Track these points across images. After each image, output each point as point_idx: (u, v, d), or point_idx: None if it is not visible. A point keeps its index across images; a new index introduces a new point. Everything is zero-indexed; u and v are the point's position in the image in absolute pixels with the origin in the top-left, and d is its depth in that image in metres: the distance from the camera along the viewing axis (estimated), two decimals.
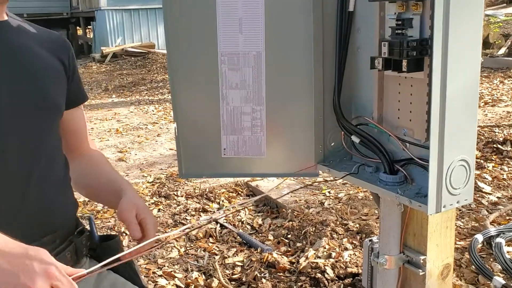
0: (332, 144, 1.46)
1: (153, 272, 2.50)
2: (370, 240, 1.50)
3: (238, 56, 1.48)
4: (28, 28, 1.18)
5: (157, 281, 2.40)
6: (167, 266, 2.58)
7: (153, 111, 6.55)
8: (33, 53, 1.13)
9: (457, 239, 2.66)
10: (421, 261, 1.33)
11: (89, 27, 12.70)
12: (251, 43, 1.47)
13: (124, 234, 2.88)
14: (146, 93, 7.95)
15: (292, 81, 1.46)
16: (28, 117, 1.08)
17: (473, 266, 2.39)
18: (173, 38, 1.48)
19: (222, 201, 3.51)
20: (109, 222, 3.11)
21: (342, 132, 1.42)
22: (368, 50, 1.33)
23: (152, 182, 3.96)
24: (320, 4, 1.36)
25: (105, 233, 1.35)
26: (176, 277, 2.46)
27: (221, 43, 1.47)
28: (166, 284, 2.41)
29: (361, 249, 2.58)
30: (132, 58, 10.95)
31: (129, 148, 4.93)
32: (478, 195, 3.30)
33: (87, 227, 1.36)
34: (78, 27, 13.99)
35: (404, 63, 1.12)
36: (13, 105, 1.04)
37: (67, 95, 1.23)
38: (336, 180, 1.42)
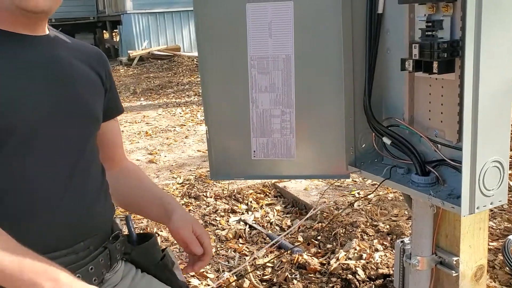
0: (363, 145, 1.47)
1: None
2: (402, 241, 1.50)
3: (267, 60, 1.50)
4: (67, 42, 1.21)
5: (189, 281, 2.44)
6: None
7: (180, 113, 6.64)
8: (73, 65, 1.16)
9: (490, 240, 2.62)
10: (454, 262, 1.33)
11: (115, 30, 12.90)
12: (280, 46, 1.48)
13: (157, 235, 2.93)
14: (173, 96, 8.05)
15: (322, 83, 1.47)
16: (67, 126, 1.11)
17: (507, 268, 2.35)
18: (204, 43, 1.51)
19: (250, 202, 3.53)
20: (142, 223, 3.17)
21: (373, 134, 1.43)
22: (398, 51, 1.33)
23: (181, 183, 4.01)
24: (349, 7, 1.37)
25: (141, 231, 1.37)
26: (208, 277, 2.50)
27: (250, 48, 1.49)
28: (199, 284, 2.45)
29: (392, 250, 2.56)
30: (159, 61, 11.08)
31: (158, 150, 5.01)
32: (510, 195, 3.24)
33: (124, 227, 1.38)
34: (104, 31, 14.22)
35: (435, 64, 1.13)
36: (53, 114, 1.08)
37: (104, 108, 1.26)
38: (377, 187, 1.42)
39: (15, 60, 1.04)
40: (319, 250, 2.74)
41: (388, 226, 2.88)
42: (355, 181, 3.64)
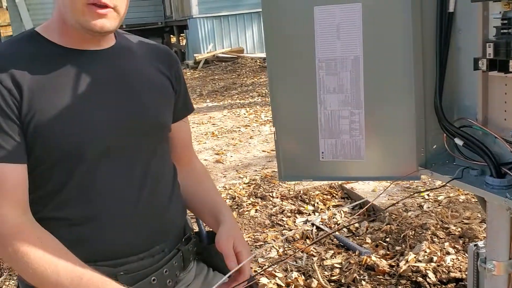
0: (434, 146, 1.44)
1: (255, 271, 2.59)
2: (476, 245, 1.46)
3: (335, 62, 1.51)
4: (135, 47, 1.21)
5: (258, 280, 2.48)
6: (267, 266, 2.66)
7: (245, 114, 6.73)
8: (141, 74, 1.16)
9: None
10: None
11: (182, 35, 13.27)
12: (348, 48, 1.49)
13: None
14: (237, 97, 8.17)
15: (391, 84, 1.46)
16: (137, 136, 1.13)
17: None
18: (272, 46, 1.54)
19: (317, 203, 3.54)
20: None
21: (444, 135, 1.40)
22: (470, 50, 1.30)
23: (248, 183, 4.08)
24: (419, 6, 1.35)
25: (211, 229, 1.39)
26: (277, 277, 2.53)
27: (318, 50, 1.51)
28: (268, 282, 2.49)
29: (464, 254, 2.49)
30: (223, 63, 11.28)
31: (224, 150, 5.12)
32: None
33: (194, 224, 1.42)
34: (171, 35, 14.65)
35: (511, 63, 1.09)
36: (123, 128, 1.10)
37: (174, 109, 1.28)
38: (443, 186, 1.39)
39: (82, 78, 1.05)
40: (388, 252, 2.70)
41: (460, 229, 2.79)
42: (425, 182, 3.55)
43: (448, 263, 2.41)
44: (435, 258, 2.46)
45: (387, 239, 2.83)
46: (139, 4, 13.39)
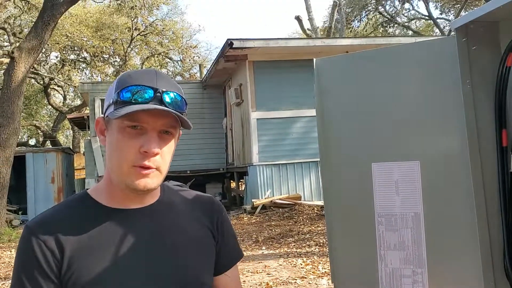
0: None
1: None
2: None
3: (395, 217, 1.49)
4: (178, 200, 1.23)
5: None
6: None
7: (301, 264, 6.54)
8: (180, 231, 1.17)
9: None
10: None
11: (241, 180, 13.66)
12: (408, 204, 1.48)
13: None
14: (294, 245, 8.04)
15: (456, 243, 1.41)
16: None
17: None
18: (331, 198, 1.56)
19: None
20: None
21: None
22: None
23: None
24: (479, 167, 1.35)
25: None
26: None
27: (377, 205, 1.51)
28: None
29: None
30: (280, 209, 11.34)
31: None
32: None
33: None
34: (232, 181, 15.12)
35: None
36: (150, 285, 1.09)
37: (220, 259, 1.24)
38: None
39: (121, 239, 1.09)
40: None
41: None
42: None
43: None
44: None
45: None
46: (204, 152, 14.22)
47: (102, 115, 1.09)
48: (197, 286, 1.17)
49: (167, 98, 1.05)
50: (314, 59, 1.59)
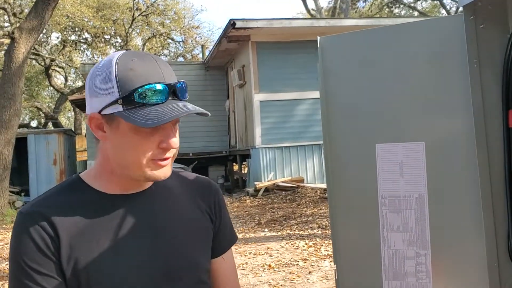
0: None
1: None
2: None
3: (399, 199, 1.48)
4: (175, 183, 1.21)
5: None
6: None
7: (304, 246, 6.57)
8: (177, 215, 1.16)
9: None
10: None
11: (244, 163, 13.68)
12: (412, 185, 1.46)
13: None
14: (296, 228, 8.07)
15: (459, 224, 1.39)
16: (171, 279, 1.11)
17: None
18: (333, 180, 1.54)
19: None
20: None
21: None
22: None
23: None
24: (485, 148, 1.33)
25: None
26: None
27: (381, 186, 1.49)
28: None
29: None
30: (283, 192, 11.37)
31: (281, 285, 4.92)
32: None
33: None
34: (234, 163, 15.15)
35: None
36: (155, 272, 1.09)
37: (216, 242, 1.24)
38: None
39: (118, 224, 1.08)
40: None
41: None
42: None
43: None
44: None
45: None
46: (206, 135, 14.19)
47: (95, 111, 1.02)
48: (194, 269, 1.17)
49: (180, 93, 1.02)
50: (318, 37, 1.56)
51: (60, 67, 25.89)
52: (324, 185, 10.45)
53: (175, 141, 1.03)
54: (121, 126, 1.02)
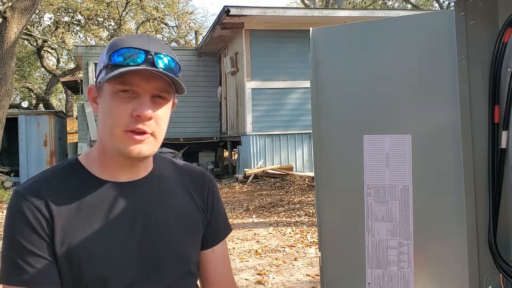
0: (490, 287, 1.36)
1: None
2: None
3: (384, 189, 1.51)
4: (170, 173, 1.22)
5: None
6: None
7: (290, 233, 6.63)
8: (169, 207, 1.16)
9: None
10: None
11: (234, 149, 13.70)
12: (398, 177, 1.49)
13: None
14: (284, 215, 8.12)
15: (442, 216, 1.43)
16: (160, 271, 1.12)
17: None
18: (321, 170, 1.56)
19: None
20: None
21: (501, 275, 1.32)
22: None
23: None
24: (470, 141, 1.36)
25: None
26: None
27: (367, 176, 1.52)
28: None
29: None
30: (272, 179, 11.42)
31: (267, 271, 4.98)
32: None
33: None
34: (225, 150, 15.16)
35: None
36: (144, 261, 1.10)
37: (207, 234, 1.24)
38: None
39: (111, 213, 1.08)
40: None
41: None
42: None
43: None
44: None
45: None
46: (197, 120, 14.16)
47: (94, 83, 1.08)
48: (183, 260, 1.18)
49: (159, 62, 1.03)
50: (311, 29, 1.57)
51: (52, 49, 25.62)
52: (312, 174, 10.51)
53: (149, 112, 1.02)
54: (104, 93, 1.05)
